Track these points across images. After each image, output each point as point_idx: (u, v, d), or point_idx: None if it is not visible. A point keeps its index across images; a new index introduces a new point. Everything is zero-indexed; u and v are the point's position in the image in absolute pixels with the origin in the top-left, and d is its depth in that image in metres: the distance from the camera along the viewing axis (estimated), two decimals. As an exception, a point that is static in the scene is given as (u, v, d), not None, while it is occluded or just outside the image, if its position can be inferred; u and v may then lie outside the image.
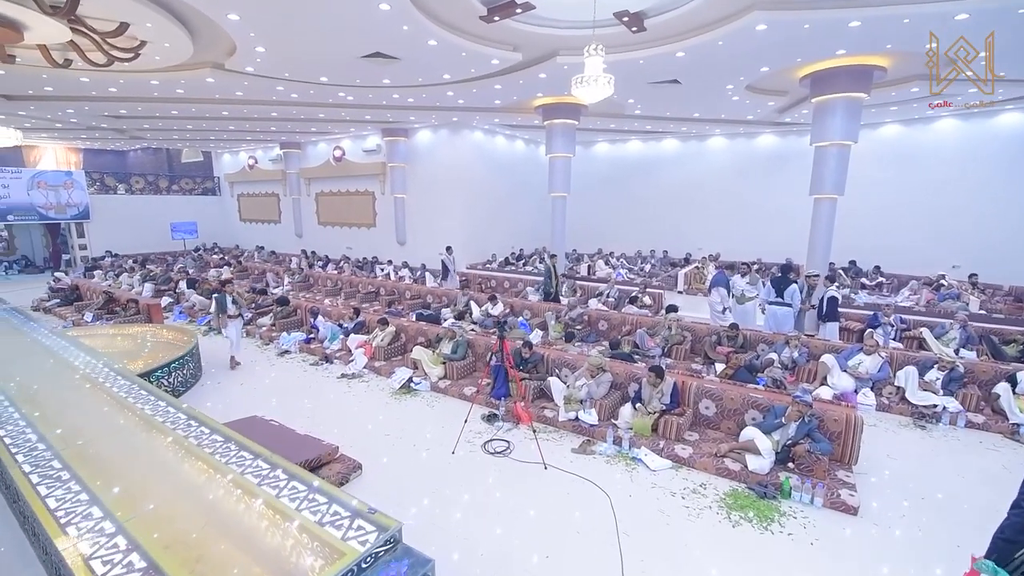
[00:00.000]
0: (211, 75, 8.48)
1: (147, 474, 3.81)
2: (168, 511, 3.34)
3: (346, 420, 5.90)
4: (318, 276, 14.39)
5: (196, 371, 7.15)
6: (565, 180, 12.08)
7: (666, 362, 7.60)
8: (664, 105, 11.28)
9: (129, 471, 3.86)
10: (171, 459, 4.02)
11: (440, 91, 9.72)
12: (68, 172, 18.06)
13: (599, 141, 17.78)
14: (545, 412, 5.76)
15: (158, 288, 12.70)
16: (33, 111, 11.42)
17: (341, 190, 17.26)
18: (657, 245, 17.10)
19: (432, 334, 7.68)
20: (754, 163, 15.54)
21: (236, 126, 14.24)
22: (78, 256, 17.99)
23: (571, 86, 5.66)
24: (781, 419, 4.69)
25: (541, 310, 9.75)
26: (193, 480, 3.71)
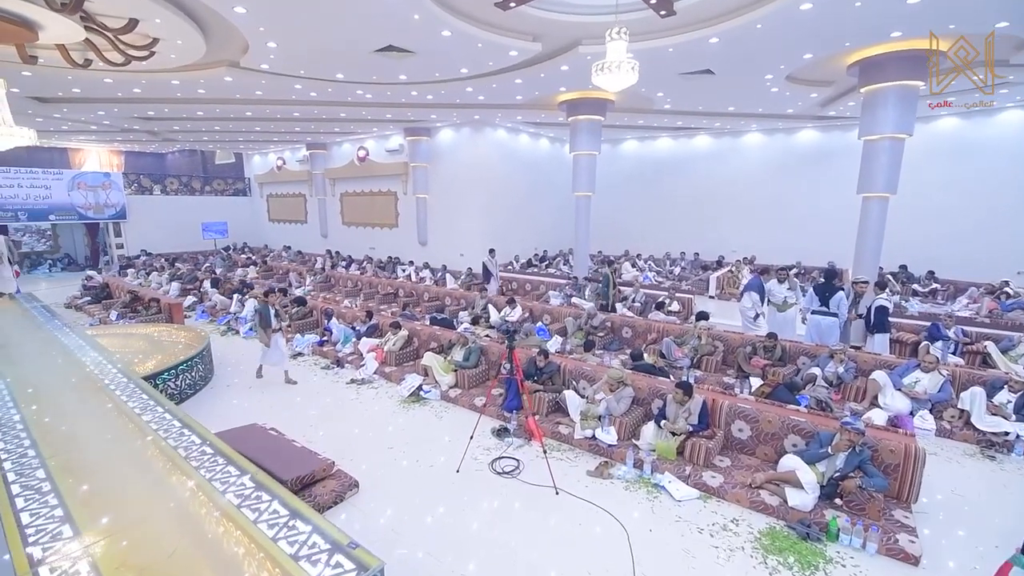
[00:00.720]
0: (228, 74, 8.41)
1: (127, 489, 3.60)
2: (140, 534, 3.10)
3: (350, 430, 5.62)
4: (339, 276, 14.33)
5: (207, 373, 7.04)
6: (590, 179, 11.57)
7: (695, 374, 7.03)
8: (696, 99, 10.64)
9: (110, 485, 3.66)
10: (155, 473, 3.80)
11: (459, 87, 9.40)
12: (106, 174, 18.69)
13: (627, 138, 17.15)
14: (560, 428, 5.32)
15: (184, 287, 12.88)
16: (67, 113, 11.73)
17: (365, 190, 17.23)
18: (687, 247, 16.34)
19: (445, 339, 7.35)
20: (793, 160, 14.63)
21: (262, 127, 14.34)
22: (115, 255, 18.59)
23: (592, 73, 5.20)
24: (827, 449, 4.11)
25: (561, 315, 9.30)
26: (173, 498, 3.46)
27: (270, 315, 6.85)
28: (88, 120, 12.72)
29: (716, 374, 7.08)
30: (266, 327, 6.78)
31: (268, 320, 6.81)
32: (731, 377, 6.96)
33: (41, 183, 16.51)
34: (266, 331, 6.79)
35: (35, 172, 16.56)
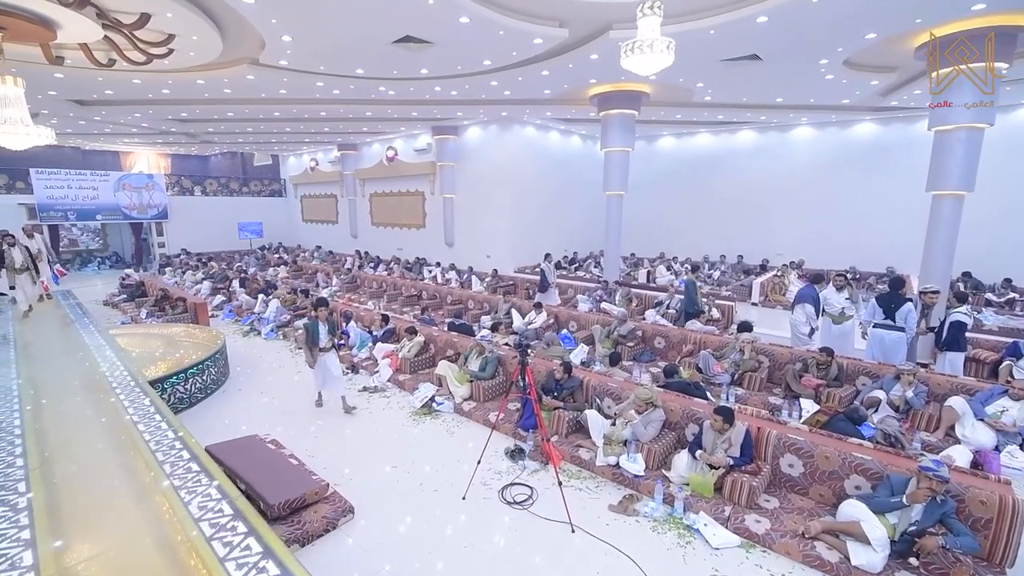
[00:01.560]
0: (250, 72, 8.30)
1: (101, 511, 3.34)
2: (99, 568, 2.80)
3: (355, 444, 5.26)
4: (364, 277, 14.20)
5: (220, 376, 6.88)
6: (622, 177, 10.92)
7: (736, 392, 6.32)
8: (740, 89, 9.81)
9: (86, 503, 3.43)
10: (133, 493, 3.54)
11: (483, 81, 8.97)
12: (149, 175, 19.37)
13: (663, 135, 16.31)
14: (580, 452, 4.78)
15: (215, 286, 13.03)
16: (106, 115, 12.05)
17: (393, 190, 17.11)
18: (728, 250, 15.36)
19: (463, 347, 6.92)
20: (848, 156, 13.44)
21: (292, 127, 14.40)
22: (157, 253, 19.24)
23: (621, 54, 4.63)
24: (901, 498, 3.40)
25: (589, 322, 8.71)
26: (143, 525, 3.18)
27: (318, 332, 5.75)
28: (128, 122, 13.07)
29: (760, 393, 6.34)
30: (312, 346, 5.74)
31: (315, 337, 5.74)
32: (778, 397, 6.21)
33: (89, 184, 17.22)
34: (312, 350, 5.76)
35: (83, 174, 17.29)
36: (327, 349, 5.85)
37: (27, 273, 8.26)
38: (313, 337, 5.77)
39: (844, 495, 3.82)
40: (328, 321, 5.87)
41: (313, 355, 5.82)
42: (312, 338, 5.77)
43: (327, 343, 5.86)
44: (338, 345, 7.83)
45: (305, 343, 5.83)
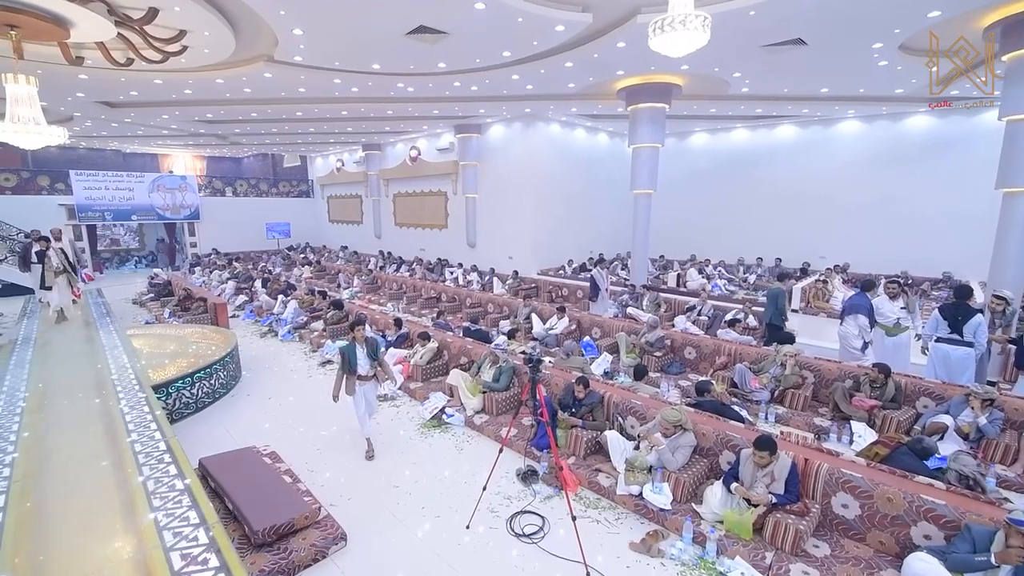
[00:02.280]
0: (267, 70, 8.16)
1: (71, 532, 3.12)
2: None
3: (358, 459, 4.93)
4: (385, 278, 14.04)
5: (230, 380, 6.70)
6: (651, 175, 10.33)
7: (776, 411, 5.71)
8: (781, 79, 9.09)
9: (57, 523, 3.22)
10: (111, 512, 3.31)
11: (504, 75, 8.58)
12: (183, 176, 19.82)
13: (695, 131, 15.53)
14: (599, 478, 4.31)
15: (239, 286, 13.10)
16: (135, 117, 12.25)
17: (416, 191, 16.94)
18: (765, 252, 14.47)
19: (478, 354, 6.54)
20: (899, 152, 12.41)
21: (316, 128, 14.37)
22: (189, 253, 19.69)
23: (649, 34, 4.13)
24: (989, 556, 2.80)
25: (613, 328, 8.19)
26: (110, 550, 2.92)
27: (355, 357, 4.73)
28: (158, 124, 13.29)
29: (804, 413, 5.70)
30: (350, 374, 4.75)
31: (353, 364, 4.73)
32: (824, 418, 5.57)
33: (125, 186, 17.72)
34: (350, 378, 4.76)
35: (120, 176, 17.81)
36: (367, 378, 4.83)
37: (64, 276, 7.93)
38: (350, 363, 4.71)
39: (911, 546, 3.24)
40: (368, 343, 4.85)
41: (351, 383, 4.74)
42: (349, 364, 4.71)
43: (368, 370, 4.81)
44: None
45: (340, 371, 4.78)
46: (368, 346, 4.86)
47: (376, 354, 4.93)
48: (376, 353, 4.93)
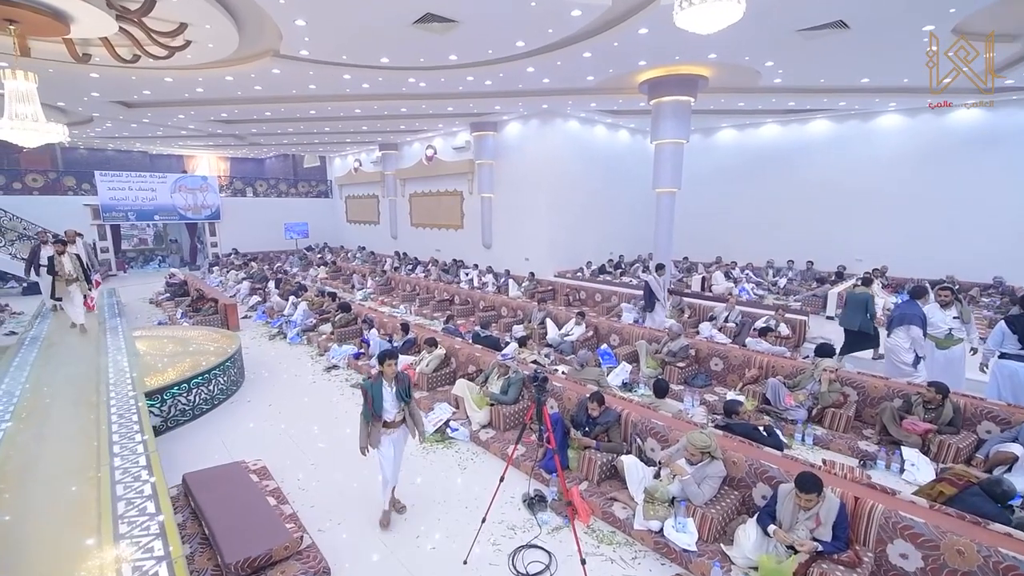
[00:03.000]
0: (274, 65, 7.94)
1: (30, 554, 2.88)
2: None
3: (353, 475, 4.59)
4: (399, 280, 13.78)
5: (230, 385, 6.46)
6: (675, 172, 9.77)
7: (814, 432, 5.15)
8: (818, 67, 8.43)
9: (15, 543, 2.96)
10: (75, 536, 3.06)
11: (519, 69, 8.16)
12: (204, 177, 20.00)
13: (722, 126, 14.83)
14: (614, 508, 3.86)
15: (253, 286, 13.02)
16: (152, 117, 12.28)
17: (432, 190, 16.67)
18: (796, 254, 13.69)
19: (486, 363, 6.14)
20: (945, 147, 11.53)
21: (331, 127, 14.22)
22: (209, 252, 19.87)
23: (675, 8, 3.65)
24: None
25: (633, 336, 7.70)
26: None
27: (381, 398, 3.69)
28: (175, 124, 13.32)
29: (847, 435, 5.12)
30: (374, 419, 3.70)
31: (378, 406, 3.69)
32: (870, 441, 4.99)
33: (148, 186, 17.94)
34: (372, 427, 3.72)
35: (143, 176, 18.06)
36: (395, 424, 3.76)
37: (77, 284, 7.33)
38: (375, 406, 3.67)
39: (991, 610, 2.70)
40: (398, 380, 3.76)
41: (372, 434, 3.69)
42: (374, 407, 3.67)
43: (396, 415, 3.76)
44: (356, 355, 7.29)
45: (363, 416, 3.73)
46: (398, 384, 3.76)
47: (408, 395, 3.82)
48: (408, 394, 3.82)
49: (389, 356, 3.82)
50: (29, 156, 19.28)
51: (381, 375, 3.76)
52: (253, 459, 4.58)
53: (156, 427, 5.32)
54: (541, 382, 3.28)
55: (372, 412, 3.71)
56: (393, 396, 3.76)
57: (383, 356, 3.83)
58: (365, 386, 3.75)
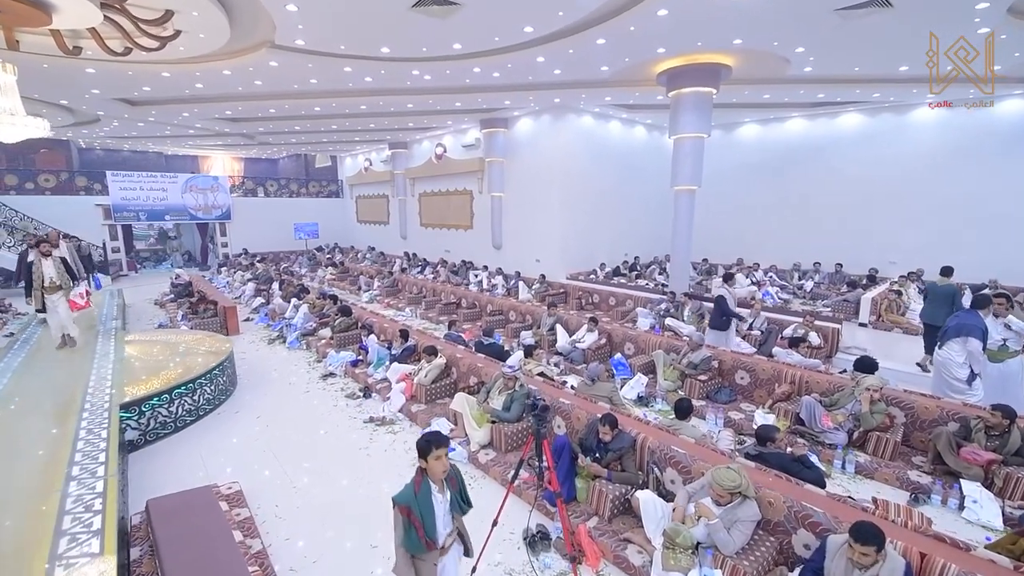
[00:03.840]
0: (271, 57, 7.59)
1: None
2: None
3: (336, 502, 4.15)
4: (405, 281, 13.39)
5: (217, 395, 6.07)
6: (695, 169, 9.17)
7: (856, 459, 4.56)
8: (853, 54, 7.78)
9: None
10: None
11: (528, 58, 7.68)
12: (215, 177, 19.95)
13: (745, 121, 14.12)
14: (628, 552, 3.34)
15: (258, 287, 12.77)
16: (157, 115, 12.09)
17: (441, 190, 16.27)
18: (824, 256, 12.94)
19: (489, 374, 5.66)
20: (987, 142, 10.71)
21: (338, 125, 13.90)
22: (220, 252, 19.79)
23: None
24: None
25: (649, 344, 7.14)
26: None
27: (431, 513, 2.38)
28: (181, 123, 13.14)
29: (894, 464, 4.51)
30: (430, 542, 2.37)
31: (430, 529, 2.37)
32: (922, 471, 4.38)
33: (159, 186, 17.91)
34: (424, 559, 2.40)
35: (154, 176, 18.02)
36: (447, 548, 2.46)
37: (61, 292, 6.65)
38: (426, 529, 2.33)
39: None
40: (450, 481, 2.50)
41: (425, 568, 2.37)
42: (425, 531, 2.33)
43: (448, 536, 2.47)
44: (353, 363, 6.87)
45: (403, 547, 2.33)
46: (452, 488, 2.49)
47: (466, 500, 2.58)
48: (466, 498, 2.58)
49: (437, 444, 2.39)
50: (46, 156, 19.46)
51: (424, 475, 2.40)
52: (229, 481, 4.18)
53: (133, 442, 4.98)
54: (541, 411, 2.78)
55: (423, 539, 2.31)
56: (447, 508, 2.45)
57: (429, 444, 2.38)
58: (405, 501, 2.34)
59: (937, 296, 6.64)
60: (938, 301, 6.58)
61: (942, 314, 6.25)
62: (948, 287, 6.63)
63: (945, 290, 6.60)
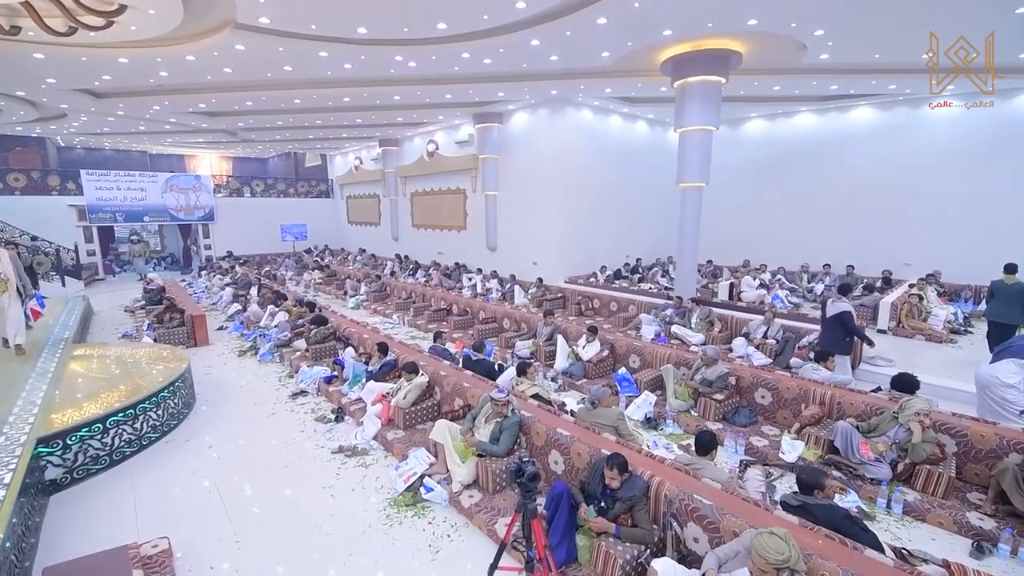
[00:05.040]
0: (237, 40, 6.87)
1: None
2: None
3: (288, 560, 3.42)
4: (394, 286, 12.66)
5: (167, 420, 5.31)
6: (702, 164, 8.50)
7: (904, 497, 3.87)
8: (876, 38, 7.13)
9: None
10: None
11: (522, 41, 6.98)
12: (197, 176, 19.15)
13: (751, 116, 13.48)
14: (644, 639, 2.64)
15: (236, 292, 12.01)
16: (125, 109, 11.34)
17: (434, 188, 15.56)
18: (834, 257, 12.31)
19: (476, 397, 4.94)
20: (1009, 137, 10.10)
21: (323, 119, 13.18)
22: (203, 255, 19.00)
23: None
24: None
25: (656, 357, 6.44)
26: None
27: None
28: (154, 118, 12.38)
29: (948, 503, 3.83)
30: None
31: None
32: (981, 513, 3.69)
33: (137, 186, 17.10)
34: None
35: (132, 175, 17.21)
36: None
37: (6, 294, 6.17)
38: None
39: None
40: None
41: None
42: None
43: None
44: (328, 379, 6.20)
45: None
46: None
47: None
48: None
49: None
50: (19, 155, 18.65)
51: None
52: (156, 537, 3.44)
53: (57, 481, 4.24)
54: (529, 480, 2.07)
55: None
56: None
57: None
58: None
59: (1004, 293, 6.49)
60: (1006, 298, 6.44)
61: (1014, 313, 6.30)
62: (1016, 284, 6.45)
63: (1014, 288, 6.43)
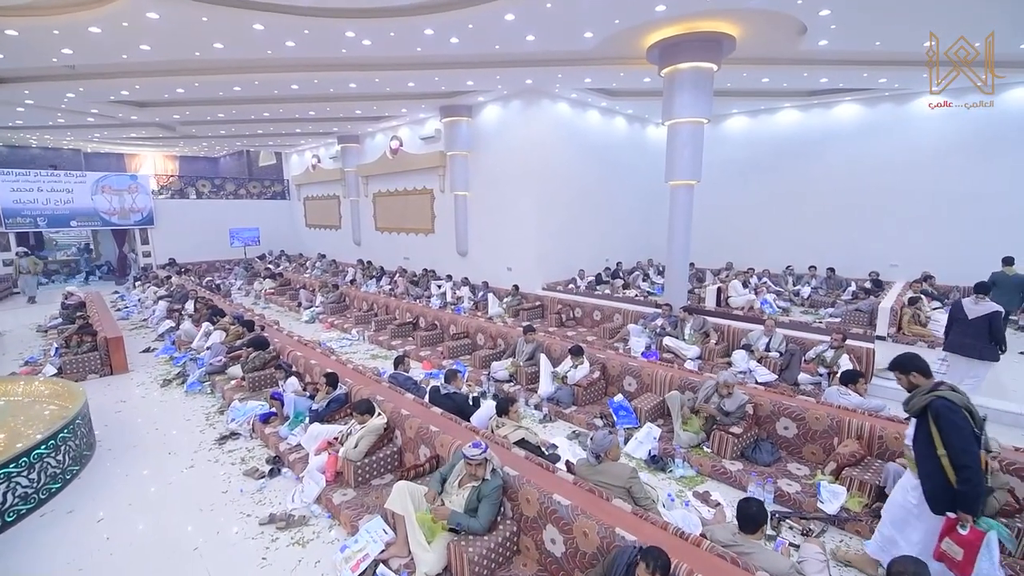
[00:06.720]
0: (149, 6, 5.63)
1: None
2: None
3: None
4: (354, 296, 11.46)
5: (48, 482, 4.11)
6: (694, 159, 7.75)
7: (986, 566, 3.08)
8: (881, 24, 6.53)
9: None
10: None
11: (495, 15, 6.03)
12: (133, 176, 17.39)
13: (733, 113, 12.96)
14: None
15: (171, 307, 10.56)
16: (35, 97, 9.76)
17: (398, 189, 14.40)
18: (818, 259, 11.87)
19: (446, 445, 3.91)
20: (1000, 135, 9.83)
21: (271, 112, 11.84)
22: (141, 263, 17.19)
23: None
24: None
25: (656, 379, 5.57)
26: None
27: None
28: (72, 107, 10.78)
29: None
30: None
31: None
32: (1094, 590, 2.94)
33: (63, 187, 15.25)
34: None
35: (56, 175, 15.35)
36: None
37: None
38: None
39: None
40: None
41: None
42: None
43: None
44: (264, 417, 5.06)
45: None
46: None
47: None
48: None
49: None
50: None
51: None
52: None
53: None
54: None
55: None
56: None
57: None
58: None
59: (1009, 285, 6.93)
60: (1010, 289, 6.91)
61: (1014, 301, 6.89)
62: (1016, 276, 6.96)
63: (1014, 280, 6.94)
